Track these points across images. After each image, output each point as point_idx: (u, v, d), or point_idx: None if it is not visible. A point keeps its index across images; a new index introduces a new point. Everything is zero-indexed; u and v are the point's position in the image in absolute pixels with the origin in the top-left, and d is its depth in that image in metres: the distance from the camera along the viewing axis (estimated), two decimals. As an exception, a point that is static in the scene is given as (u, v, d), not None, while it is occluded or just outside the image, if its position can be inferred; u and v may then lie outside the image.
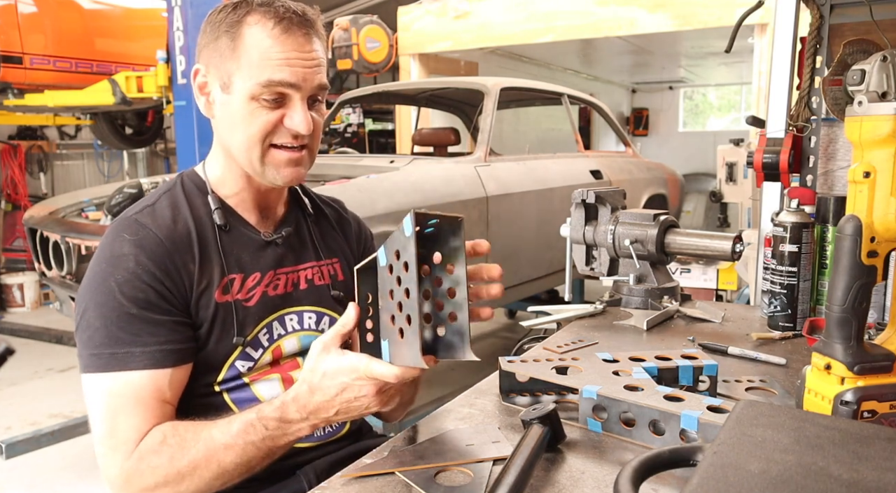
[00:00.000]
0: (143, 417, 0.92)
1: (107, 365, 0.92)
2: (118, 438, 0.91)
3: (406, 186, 2.78)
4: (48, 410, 3.46)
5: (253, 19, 0.96)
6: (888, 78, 1.28)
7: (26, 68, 4.30)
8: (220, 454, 0.89)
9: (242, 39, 0.96)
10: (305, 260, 1.14)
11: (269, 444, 0.90)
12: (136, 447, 0.90)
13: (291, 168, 1.02)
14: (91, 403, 0.94)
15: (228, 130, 1.01)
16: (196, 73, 1.03)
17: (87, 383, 0.94)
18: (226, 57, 0.98)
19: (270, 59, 0.95)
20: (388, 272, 0.82)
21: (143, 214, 1.01)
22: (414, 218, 0.76)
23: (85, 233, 2.81)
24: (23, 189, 6.24)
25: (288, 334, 1.09)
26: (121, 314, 0.93)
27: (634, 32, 5.30)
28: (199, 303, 0.99)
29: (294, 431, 0.89)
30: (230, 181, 1.07)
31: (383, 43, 5.66)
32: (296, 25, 0.97)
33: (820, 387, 0.80)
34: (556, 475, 0.79)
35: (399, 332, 0.80)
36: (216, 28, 0.99)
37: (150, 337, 0.93)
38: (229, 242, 1.04)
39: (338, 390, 0.85)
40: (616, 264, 1.58)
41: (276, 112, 0.98)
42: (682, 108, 11.51)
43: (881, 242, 0.78)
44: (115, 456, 0.91)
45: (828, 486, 0.53)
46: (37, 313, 5.64)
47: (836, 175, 1.69)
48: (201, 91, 1.04)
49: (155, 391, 0.93)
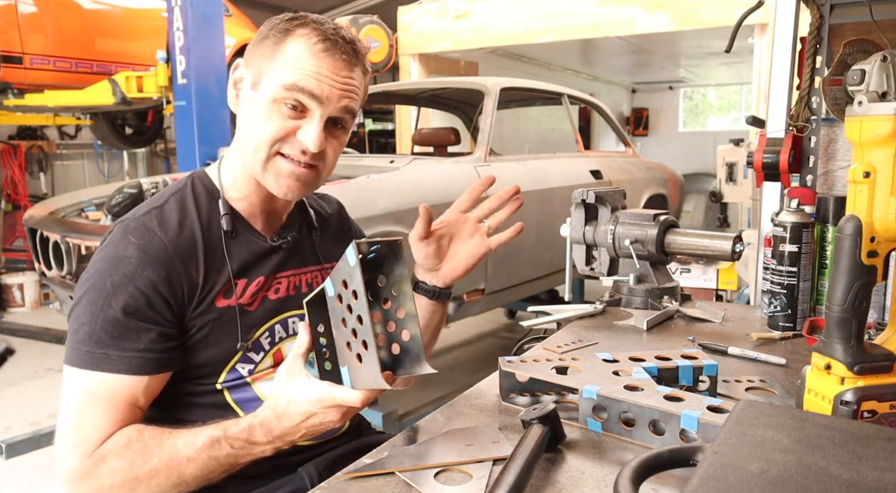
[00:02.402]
0: (110, 419, 0.92)
1: (83, 362, 0.93)
2: (80, 435, 0.91)
3: (406, 186, 2.78)
4: (48, 410, 3.46)
5: (302, 32, 0.98)
6: (888, 78, 1.28)
7: (26, 68, 4.30)
8: (181, 465, 0.90)
9: (285, 45, 0.98)
10: (308, 264, 1.15)
11: (232, 461, 0.92)
12: (97, 447, 0.91)
13: (291, 181, 1.02)
14: (64, 394, 0.94)
15: (246, 126, 1.02)
16: (236, 67, 1.05)
17: (65, 373, 0.95)
18: (264, 57, 0.99)
19: (302, 69, 0.97)
20: (338, 302, 0.84)
21: (150, 217, 1.00)
22: (356, 248, 0.80)
23: (85, 233, 2.81)
24: (23, 189, 6.24)
25: (289, 336, 1.09)
26: (107, 316, 0.93)
27: (634, 32, 5.30)
28: (198, 308, 0.99)
29: (258, 452, 0.92)
30: (242, 183, 1.07)
31: (383, 43, 5.66)
32: (339, 49, 0.98)
33: (820, 387, 0.81)
34: (556, 475, 0.79)
35: (357, 357, 0.83)
36: (268, 30, 1.01)
37: (129, 343, 0.94)
38: (235, 247, 1.05)
39: (303, 417, 0.88)
40: (616, 264, 1.58)
41: (292, 121, 0.99)
42: (682, 108, 11.51)
43: (881, 242, 0.78)
44: (74, 452, 0.91)
45: (828, 486, 0.54)
46: (37, 313, 5.64)
47: (836, 175, 1.69)
48: (235, 85, 1.05)
49: (128, 397, 0.94)
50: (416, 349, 0.88)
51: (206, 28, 4.02)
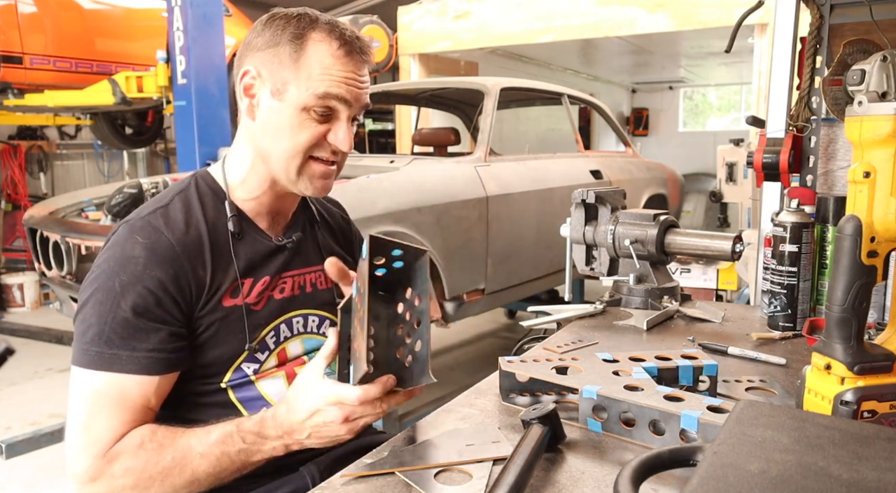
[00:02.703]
0: (122, 419, 0.92)
1: (93, 363, 0.93)
2: (93, 435, 0.91)
3: (406, 186, 2.78)
4: (48, 410, 3.46)
5: (318, 36, 1.00)
6: (888, 78, 1.28)
7: (26, 68, 4.30)
8: (195, 461, 0.91)
9: (306, 52, 0.99)
10: (312, 264, 1.15)
11: (244, 458, 0.92)
12: (110, 447, 0.91)
13: (323, 181, 1.06)
14: (73, 395, 0.94)
15: (272, 135, 1.02)
16: (245, 74, 1.03)
17: (73, 374, 0.95)
18: (285, 65, 0.99)
19: (331, 75, 0.99)
20: (358, 302, 0.86)
21: (155, 216, 1.01)
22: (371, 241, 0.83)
23: (85, 233, 2.81)
24: (23, 189, 6.24)
25: (293, 336, 1.10)
26: (116, 316, 0.93)
27: (634, 32, 5.30)
28: (205, 307, 1.00)
29: (269, 448, 0.93)
30: (252, 185, 1.07)
31: (383, 43, 5.66)
32: (356, 51, 1.02)
33: (820, 387, 0.81)
34: (556, 475, 0.79)
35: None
36: (277, 35, 1.00)
37: (139, 343, 0.94)
38: (241, 248, 1.05)
39: (308, 413, 0.89)
40: (616, 264, 1.58)
41: (323, 126, 1.02)
42: (682, 108, 11.51)
43: (881, 242, 0.78)
44: (85, 453, 0.91)
45: (828, 486, 0.54)
46: (37, 313, 5.64)
47: (836, 175, 1.69)
48: (246, 92, 1.04)
49: (139, 397, 0.94)
50: (424, 359, 0.89)
51: (206, 28, 4.02)
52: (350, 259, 1.24)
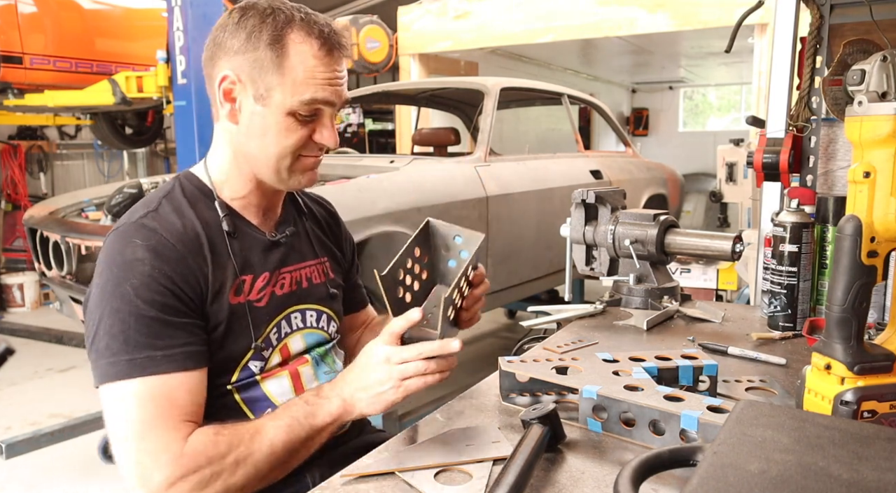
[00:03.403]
0: (180, 420, 0.90)
1: (127, 372, 0.89)
2: (157, 443, 0.88)
3: (406, 186, 2.78)
4: (48, 410, 3.46)
5: (298, 37, 0.98)
6: (888, 78, 1.28)
7: (26, 68, 4.30)
8: (270, 432, 0.92)
9: (287, 56, 0.98)
10: (307, 259, 1.16)
11: (311, 421, 0.94)
12: (182, 446, 0.88)
13: (312, 173, 1.08)
14: (114, 413, 0.90)
15: (258, 139, 1.02)
16: (223, 79, 1.00)
17: (110, 392, 0.90)
18: (267, 69, 0.98)
19: (316, 79, 0.99)
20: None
21: (148, 219, 0.99)
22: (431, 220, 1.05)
23: (85, 233, 2.81)
24: (23, 189, 6.24)
25: (293, 331, 1.10)
26: (139, 318, 0.91)
27: (634, 32, 5.30)
28: (213, 306, 0.99)
29: (327, 409, 0.95)
30: (237, 185, 1.07)
31: (383, 43, 5.66)
32: (336, 47, 1.01)
33: (820, 387, 0.81)
34: (556, 475, 0.79)
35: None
36: (254, 38, 0.97)
37: (170, 340, 0.92)
38: (238, 245, 1.05)
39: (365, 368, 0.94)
40: (616, 264, 1.58)
41: (308, 127, 1.03)
42: (682, 108, 11.51)
43: (881, 242, 0.78)
44: (159, 460, 0.87)
45: (828, 486, 0.54)
46: (37, 313, 5.64)
47: (836, 175, 1.69)
48: (227, 97, 1.01)
49: (186, 394, 0.92)
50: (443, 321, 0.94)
51: (206, 28, 3.98)
52: (339, 253, 1.25)
